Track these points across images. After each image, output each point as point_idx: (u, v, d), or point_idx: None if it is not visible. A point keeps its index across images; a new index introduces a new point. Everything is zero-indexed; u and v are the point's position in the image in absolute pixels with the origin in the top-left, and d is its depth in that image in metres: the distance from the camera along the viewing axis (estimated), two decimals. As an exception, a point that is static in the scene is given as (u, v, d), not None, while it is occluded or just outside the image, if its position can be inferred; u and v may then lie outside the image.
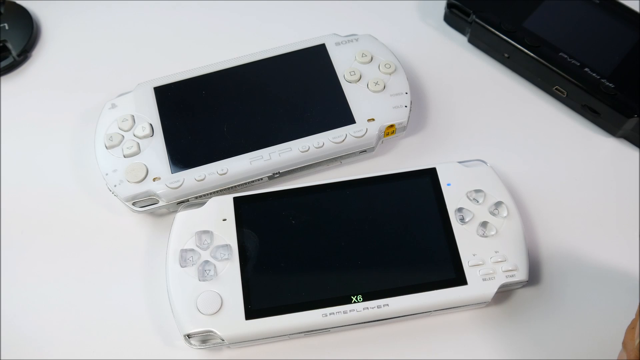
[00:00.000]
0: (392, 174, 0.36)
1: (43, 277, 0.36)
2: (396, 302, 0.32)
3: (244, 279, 0.32)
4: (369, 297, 0.32)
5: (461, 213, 0.34)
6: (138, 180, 0.35)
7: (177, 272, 0.33)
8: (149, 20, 0.47)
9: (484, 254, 0.33)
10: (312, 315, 0.31)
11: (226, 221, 0.34)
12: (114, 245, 0.37)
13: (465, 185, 0.35)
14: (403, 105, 0.38)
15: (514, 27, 0.42)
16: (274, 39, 0.42)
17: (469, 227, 0.34)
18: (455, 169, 0.36)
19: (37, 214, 0.38)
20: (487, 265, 0.33)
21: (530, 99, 0.42)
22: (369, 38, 0.41)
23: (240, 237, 0.34)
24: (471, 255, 0.33)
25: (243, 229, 0.34)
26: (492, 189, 0.35)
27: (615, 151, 0.40)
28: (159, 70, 0.40)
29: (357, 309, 0.32)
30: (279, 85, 0.39)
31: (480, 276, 0.32)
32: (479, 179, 0.36)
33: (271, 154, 0.36)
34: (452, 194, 0.35)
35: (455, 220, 0.34)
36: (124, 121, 0.38)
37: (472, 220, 0.34)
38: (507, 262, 0.33)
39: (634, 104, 0.38)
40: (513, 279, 0.32)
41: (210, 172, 0.36)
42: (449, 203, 0.35)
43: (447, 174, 0.36)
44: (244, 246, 0.33)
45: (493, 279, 0.32)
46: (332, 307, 0.31)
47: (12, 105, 0.43)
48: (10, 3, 0.46)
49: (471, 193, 0.35)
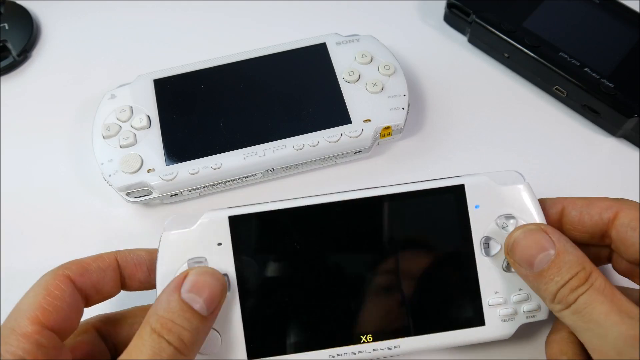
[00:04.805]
0: (412, 191, 0.30)
1: (34, 265, 0.36)
2: (408, 343, 0.29)
3: (245, 315, 0.29)
4: (379, 337, 0.29)
5: (487, 244, 0.30)
6: (132, 171, 0.36)
7: None
8: (149, 19, 0.47)
9: (506, 292, 0.30)
10: (318, 356, 0.29)
11: (221, 246, 0.29)
12: (108, 235, 0.37)
13: (495, 208, 0.30)
14: (400, 107, 0.38)
15: (514, 27, 0.42)
16: (276, 37, 0.42)
17: (493, 261, 0.30)
18: (486, 186, 0.30)
19: (36, 212, 0.38)
20: (508, 304, 0.30)
21: (530, 99, 0.42)
22: (370, 39, 0.41)
23: (238, 265, 0.29)
24: (493, 292, 0.30)
25: (241, 256, 0.29)
26: (525, 214, 0.30)
27: (615, 151, 0.40)
28: (159, 70, 0.40)
29: (367, 350, 0.29)
30: (278, 83, 0.39)
31: (500, 317, 0.29)
32: (513, 199, 0.30)
33: (266, 150, 0.36)
34: (479, 219, 0.30)
35: (479, 252, 0.30)
36: (122, 112, 0.38)
37: (498, 254, 0.30)
38: (529, 302, 0.30)
39: (634, 103, 0.38)
40: (534, 319, 0.30)
41: (204, 166, 0.36)
42: (474, 230, 0.30)
43: (476, 193, 0.30)
44: (243, 276, 0.29)
45: (512, 320, 0.30)
46: (340, 347, 0.29)
47: (12, 105, 0.43)
48: (10, 3, 0.46)
49: (501, 219, 0.30)
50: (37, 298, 0.26)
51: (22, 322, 0.25)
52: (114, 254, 0.29)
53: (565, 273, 0.26)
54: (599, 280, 0.26)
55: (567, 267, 0.26)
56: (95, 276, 0.28)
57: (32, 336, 0.25)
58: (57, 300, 0.26)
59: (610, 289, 0.26)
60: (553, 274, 0.26)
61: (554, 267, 0.26)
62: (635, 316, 0.24)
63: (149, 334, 0.25)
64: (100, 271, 0.28)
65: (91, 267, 0.28)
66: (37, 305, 0.26)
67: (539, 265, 0.27)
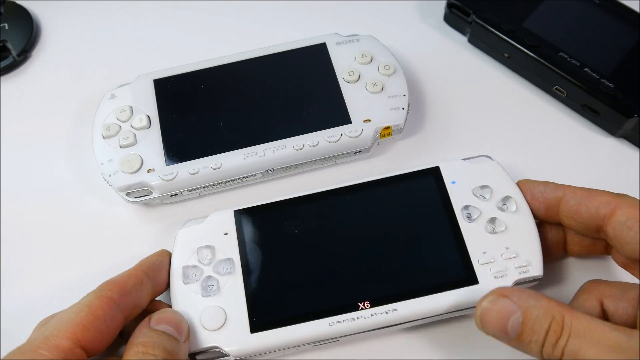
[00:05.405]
0: (395, 175, 0.35)
1: (34, 264, 0.37)
2: (405, 306, 0.31)
3: (248, 292, 0.32)
4: (376, 303, 0.31)
5: (468, 211, 0.33)
6: (132, 171, 0.36)
7: (180, 290, 0.32)
8: (149, 19, 0.47)
9: (495, 251, 0.32)
10: (318, 325, 0.30)
11: (227, 235, 0.33)
12: (108, 235, 0.37)
13: (471, 181, 0.34)
14: (400, 108, 0.38)
15: (514, 27, 0.42)
16: (276, 37, 0.42)
17: (477, 225, 0.33)
18: (460, 166, 0.35)
19: (36, 210, 0.39)
20: (498, 262, 0.31)
21: (530, 99, 0.42)
22: (370, 39, 0.41)
23: (242, 250, 0.33)
24: (481, 253, 0.32)
25: (245, 241, 0.33)
26: (498, 184, 0.34)
27: (615, 151, 0.40)
28: (159, 70, 0.40)
29: (365, 316, 0.30)
30: (278, 83, 0.39)
31: (492, 274, 0.31)
32: (485, 174, 0.34)
33: (265, 150, 0.36)
34: (457, 191, 0.34)
35: (462, 219, 0.33)
36: (122, 112, 0.38)
37: (479, 218, 0.33)
38: (519, 258, 0.31)
39: (634, 103, 0.38)
40: (527, 274, 0.31)
41: (204, 166, 0.36)
42: (454, 201, 0.33)
43: (451, 172, 0.34)
44: (246, 259, 0.33)
45: (505, 276, 0.31)
46: (339, 315, 0.31)
47: (12, 105, 0.43)
48: (10, 3, 0.46)
49: (477, 189, 0.34)
50: (80, 315, 0.27)
51: (60, 333, 0.26)
52: (140, 268, 0.31)
53: (539, 330, 0.26)
54: (575, 322, 0.25)
55: (538, 324, 0.26)
56: (135, 294, 0.29)
57: (65, 351, 0.26)
58: (99, 321, 0.27)
59: (590, 326, 0.25)
60: (529, 335, 0.26)
61: (526, 329, 0.26)
62: (625, 345, 0.24)
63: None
64: (136, 288, 0.29)
65: (129, 286, 0.29)
66: (79, 321, 0.27)
67: (513, 332, 0.27)
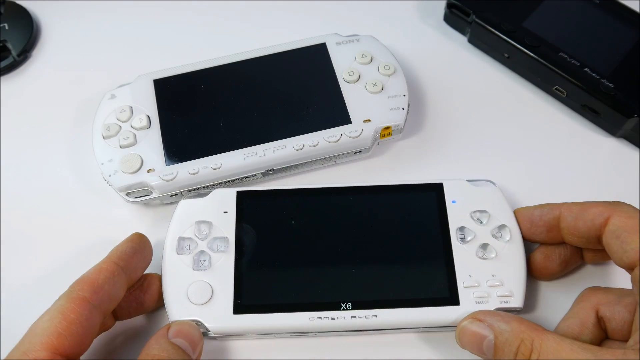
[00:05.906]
0: (398, 184, 0.35)
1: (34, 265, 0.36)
2: (385, 314, 0.31)
3: (237, 274, 0.32)
4: (358, 306, 0.31)
5: (463, 232, 0.33)
6: (132, 171, 0.36)
7: (172, 259, 0.33)
8: (150, 19, 0.47)
9: (481, 277, 0.32)
10: (299, 318, 0.31)
11: (227, 214, 0.34)
12: (108, 235, 0.36)
13: (471, 204, 0.34)
14: (400, 108, 0.38)
15: (514, 27, 0.42)
16: (276, 37, 0.42)
17: (468, 247, 0.33)
18: (463, 186, 0.35)
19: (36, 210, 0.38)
20: (482, 287, 0.32)
21: (530, 99, 0.42)
22: (370, 39, 0.41)
23: (238, 231, 0.34)
24: (467, 276, 0.32)
25: (242, 223, 0.34)
26: (497, 211, 0.34)
27: (615, 151, 0.40)
28: (159, 70, 0.40)
29: (345, 317, 0.31)
30: (278, 83, 0.39)
31: (474, 298, 0.32)
32: (485, 199, 0.35)
33: (265, 150, 0.36)
34: (456, 211, 0.34)
35: (455, 239, 0.33)
36: (122, 112, 0.38)
37: (472, 241, 0.33)
38: (502, 287, 0.32)
39: (634, 103, 0.38)
40: (507, 304, 0.31)
41: (204, 166, 0.36)
42: (451, 220, 0.34)
43: (454, 191, 0.35)
44: (241, 240, 0.33)
45: (487, 302, 0.31)
46: (320, 312, 0.31)
47: (12, 105, 0.43)
48: (10, 3, 0.46)
49: (475, 213, 0.34)
50: (53, 322, 0.26)
51: (35, 347, 0.26)
52: (110, 259, 0.30)
53: (509, 353, 0.28)
54: (544, 344, 0.27)
55: (507, 347, 0.28)
56: (107, 288, 0.29)
57: None
58: (73, 324, 0.27)
59: (559, 346, 0.26)
60: (501, 357, 0.28)
61: (498, 351, 0.28)
62: None
63: None
64: (109, 281, 0.29)
65: (100, 281, 0.28)
66: (53, 330, 0.26)
67: (488, 353, 0.29)
